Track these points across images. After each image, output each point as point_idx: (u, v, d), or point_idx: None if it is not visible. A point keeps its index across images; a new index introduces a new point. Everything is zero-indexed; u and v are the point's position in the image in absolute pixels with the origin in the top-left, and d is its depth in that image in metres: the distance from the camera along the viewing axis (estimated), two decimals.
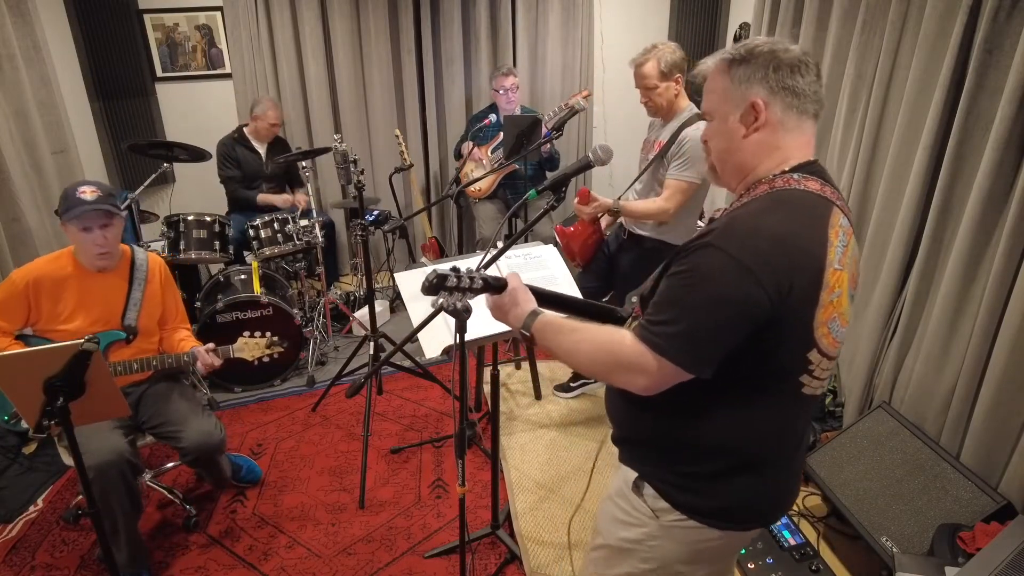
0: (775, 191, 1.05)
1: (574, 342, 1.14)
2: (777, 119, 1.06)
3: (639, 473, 1.19)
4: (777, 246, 0.97)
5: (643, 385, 1.04)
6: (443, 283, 1.22)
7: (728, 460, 1.11)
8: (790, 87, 1.04)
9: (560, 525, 2.38)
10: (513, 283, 1.28)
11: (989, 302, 1.91)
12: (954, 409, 2.07)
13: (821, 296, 1.00)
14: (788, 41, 1.08)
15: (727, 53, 1.10)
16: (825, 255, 1.00)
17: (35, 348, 1.74)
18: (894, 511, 2.00)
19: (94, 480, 1.89)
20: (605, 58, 4.67)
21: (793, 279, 0.97)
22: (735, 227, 1.00)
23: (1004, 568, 1.59)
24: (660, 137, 2.59)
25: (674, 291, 1.03)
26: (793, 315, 0.99)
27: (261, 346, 2.24)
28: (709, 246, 0.99)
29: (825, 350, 1.04)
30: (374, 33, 4.35)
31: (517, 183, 3.95)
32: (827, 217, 1.02)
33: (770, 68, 1.04)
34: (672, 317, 1.01)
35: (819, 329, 1.02)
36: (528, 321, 1.23)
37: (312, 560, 2.25)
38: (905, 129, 2.29)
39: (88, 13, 3.83)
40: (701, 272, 0.99)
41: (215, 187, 3.98)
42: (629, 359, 1.04)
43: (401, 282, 1.99)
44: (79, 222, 2.02)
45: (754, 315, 0.97)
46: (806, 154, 1.09)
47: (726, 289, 0.97)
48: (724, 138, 1.12)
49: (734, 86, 1.07)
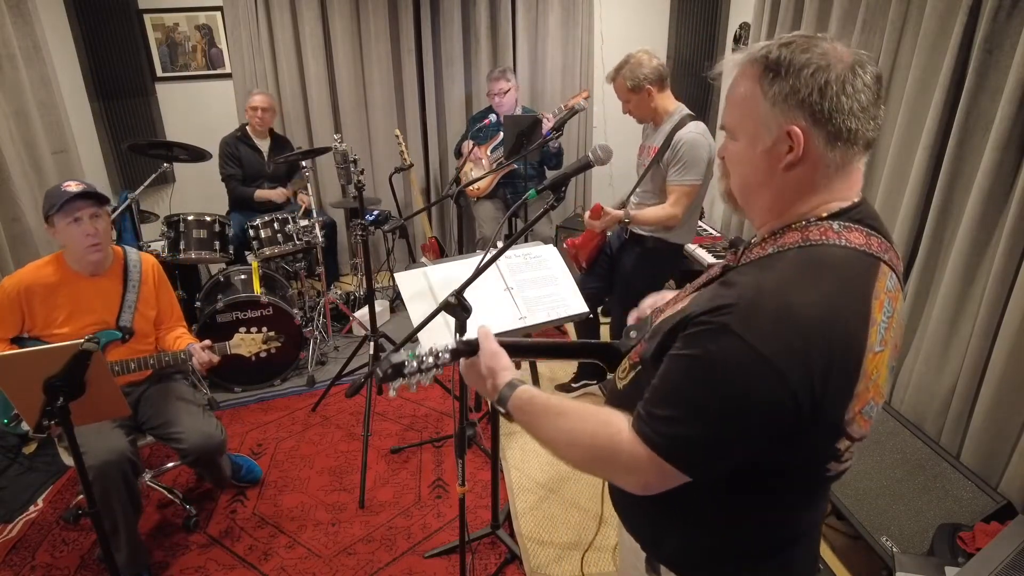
0: (809, 247, 0.84)
1: (559, 431, 0.97)
2: (819, 154, 0.83)
3: (648, 550, 1.07)
4: (812, 338, 0.77)
5: (639, 486, 0.90)
6: (400, 372, 1.08)
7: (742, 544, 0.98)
8: (842, 112, 0.81)
9: (560, 525, 2.38)
10: (485, 345, 1.10)
11: (989, 302, 1.91)
12: (954, 409, 2.07)
13: (857, 388, 0.82)
14: (837, 40, 0.84)
15: (759, 55, 0.85)
16: (866, 340, 0.80)
17: (35, 348, 1.74)
18: (894, 511, 2.00)
19: (95, 479, 1.89)
20: (605, 58, 4.67)
21: (828, 377, 0.78)
22: (761, 307, 0.79)
23: (1004, 568, 1.59)
24: (653, 143, 2.61)
25: (683, 382, 0.84)
26: (823, 416, 0.81)
27: (258, 341, 2.24)
28: (728, 331, 0.79)
29: (856, 435, 0.87)
30: (374, 33, 4.35)
31: (517, 183, 3.95)
32: (871, 286, 0.83)
33: (816, 87, 0.80)
34: (678, 415, 0.84)
35: (853, 420, 0.84)
36: (504, 395, 1.05)
37: (312, 560, 2.25)
38: (905, 129, 2.29)
39: (88, 13, 3.83)
40: (716, 366, 0.80)
41: (215, 187, 3.98)
42: (626, 458, 0.88)
43: (401, 282, 1.99)
44: (67, 215, 1.99)
45: (778, 422, 0.80)
46: (851, 195, 0.88)
47: (747, 392, 0.79)
48: (750, 167, 0.90)
49: (767, 104, 0.84)
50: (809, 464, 0.90)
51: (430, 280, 1.90)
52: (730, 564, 1.00)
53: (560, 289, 1.99)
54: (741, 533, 0.97)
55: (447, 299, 1.38)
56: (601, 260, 2.92)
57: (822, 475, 0.92)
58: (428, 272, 1.92)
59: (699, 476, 0.86)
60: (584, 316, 1.98)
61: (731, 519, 0.96)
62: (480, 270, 1.42)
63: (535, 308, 1.92)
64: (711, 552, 1.00)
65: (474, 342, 1.12)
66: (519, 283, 1.94)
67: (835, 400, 0.81)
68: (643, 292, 1.30)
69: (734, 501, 0.93)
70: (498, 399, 1.06)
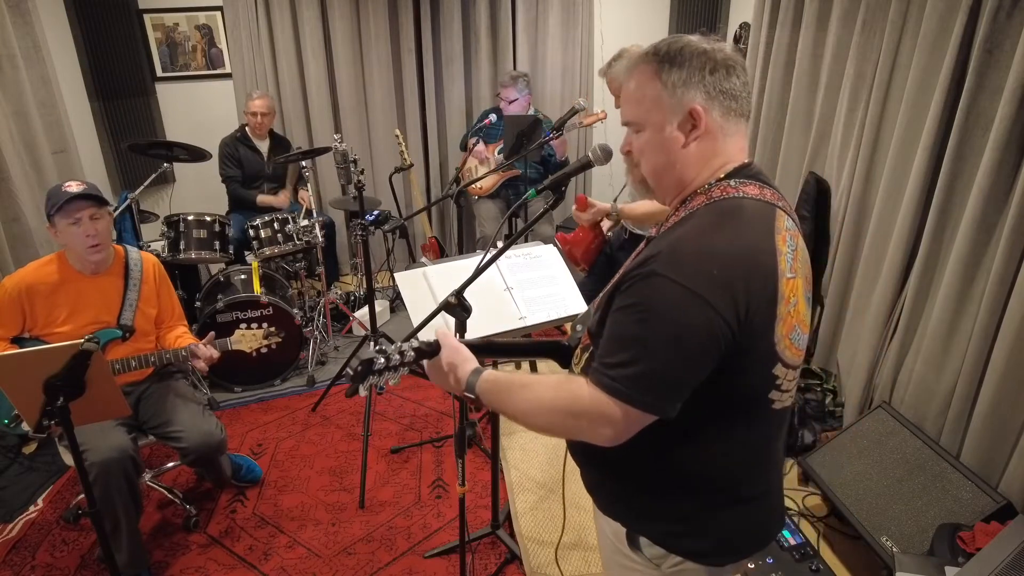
0: (714, 202, 0.97)
1: (526, 400, 1.04)
2: (717, 125, 0.98)
3: (627, 527, 1.12)
4: (730, 268, 0.90)
5: (609, 436, 0.96)
6: (370, 369, 1.12)
7: (711, 493, 1.05)
8: (727, 90, 0.97)
9: (560, 525, 2.38)
10: (444, 341, 1.17)
11: (989, 302, 1.91)
12: (954, 409, 2.07)
13: (779, 310, 0.94)
14: (712, 38, 1.00)
15: (651, 55, 1.00)
16: (777, 267, 0.93)
17: (35, 348, 1.74)
18: (894, 511, 2.00)
19: (97, 478, 1.90)
20: (605, 58, 4.62)
21: (750, 300, 0.90)
22: (681, 251, 0.92)
23: (1004, 568, 1.59)
24: None
25: (627, 327, 0.94)
26: (754, 337, 0.93)
27: (258, 337, 2.24)
28: (656, 275, 0.90)
29: (789, 361, 0.98)
30: (374, 33, 4.35)
31: (519, 184, 3.95)
32: (772, 224, 0.96)
33: (706, 70, 0.96)
34: (629, 358, 0.92)
35: (781, 343, 0.96)
36: (471, 381, 1.11)
37: (312, 560, 2.25)
38: (905, 129, 2.30)
39: (88, 13, 3.83)
40: (654, 306, 0.91)
41: (215, 187, 3.98)
42: (590, 410, 0.95)
43: (401, 282, 1.99)
44: (67, 215, 1.99)
45: (716, 346, 0.90)
46: (741, 157, 1.02)
47: (684, 322, 0.89)
48: (661, 151, 1.02)
49: (667, 92, 0.97)
50: (755, 391, 0.99)
51: (430, 280, 1.90)
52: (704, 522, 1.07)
53: (560, 289, 1.99)
54: (709, 487, 1.05)
55: (447, 299, 1.38)
56: (601, 261, 2.91)
57: (769, 407, 1.01)
58: (428, 272, 1.92)
59: (660, 411, 0.94)
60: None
61: (698, 472, 1.04)
62: (480, 270, 1.41)
63: (535, 308, 1.92)
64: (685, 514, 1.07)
65: (435, 343, 1.17)
66: (519, 283, 1.94)
67: (762, 318, 0.93)
68: None
69: (697, 453, 1.02)
70: (466, 386, 1.11)
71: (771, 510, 1.13)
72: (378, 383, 1.14)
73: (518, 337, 1.88)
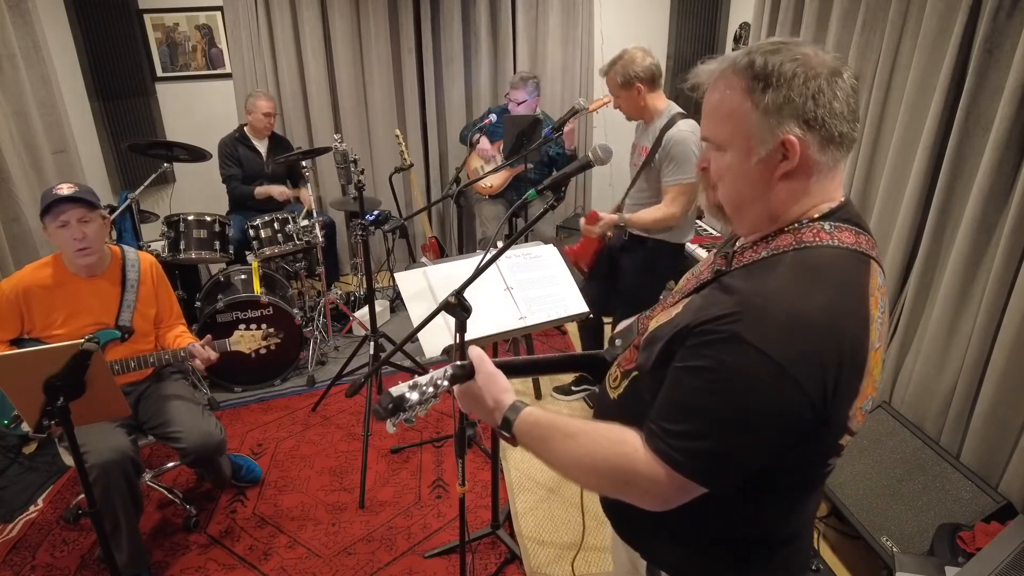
0: (805, 251, 0.84)
1: (571, 455, 0.93)
2: (813, 160, 0.84)
3: (648, 559, 1.05)
4: (822, 343, 0.78)
5: (658, 504, 0.88)
6: (402, 406, 1.03)
7: (745, 546, 0.98)
8: (833, 118, 0.81)
9: (560, 525, 2.38)
10: (481, 367, 1.06)
11: (989, 302, 1.91)
12: (954, 409, 2.07)
13: (863, 386, 0.83)
14: (811, 43, 0.85)
15: (743, 66, 0.84)
16: (868, 338, 0.81)
17: (35, 348, 1.74)
18: (894, 511, 2.00)
19: (97, 478, 1.90)
20: (605, 58, 4.63)
21: (839, 379, 0.79)
22: (768, 314, 0.79)
23: (1004, 568, 1.58)
24: (644, 142, 2.62)
25: (697, 395, 0.82)
26: (833, 415, 0.83)
27: (257, 338, 2.24)
28: (740, 340, 0.78)
29: (855, 429, 0.88)
30: (374, 33, 4.35)
31: (522, 185, 3.95)
32: (867, 285, 0.84)
33: (808, 95, 0.80)
34: (696, 430, 0.82)
35: (855, 416, 0.86)
36: (508, 418, 1.00)
37: (312, 560, 2.24)
38: (905, 129, 2.29)
39: (88, 13, 3.83)
40: (732, 376, 0.79)
41: (215, 187, 3.98)
42: (644, 478, 0.86)
43: (401, 282, 1.99)
44: (55, 218, 1.99)
45: (794, 428, 0.81)
46: (838, 196, 0.89)
47: (763, 401, 0.79)
48: (744, 180, 0.88)
49: (759, 116, 0.83)
50: (816, 464, 0.91)
51: (430, 280, 1.90)
52: (732, 566, 1.00)
53: (560, 289, 1.99)
54: (744, 536, 0.97)
55: (447, 299, 1.38)
56: (602, 263, 2.92)
57: (823, 471, 0.93)
58: (428, 272, 1.92)
59: (718, 488, 0.86)
60: (584, 316, 1.98)
61: (736, 524, 0.96)
62: (480, 270, 1.41)
63: (535, 308, 1.92)
64: (714, 557, 1.00)
65: (469, 365, 1.08)
66: (519, 283, 1.94)
67: (843, 400, 0.82)
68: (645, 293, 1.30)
69: (742, 507, 0.93)
70: (502, 424, 1.01)
71: (799, 556, 1.05)
72: (409, 417, 1.06)
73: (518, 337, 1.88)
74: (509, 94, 3.84)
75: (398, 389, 1.05)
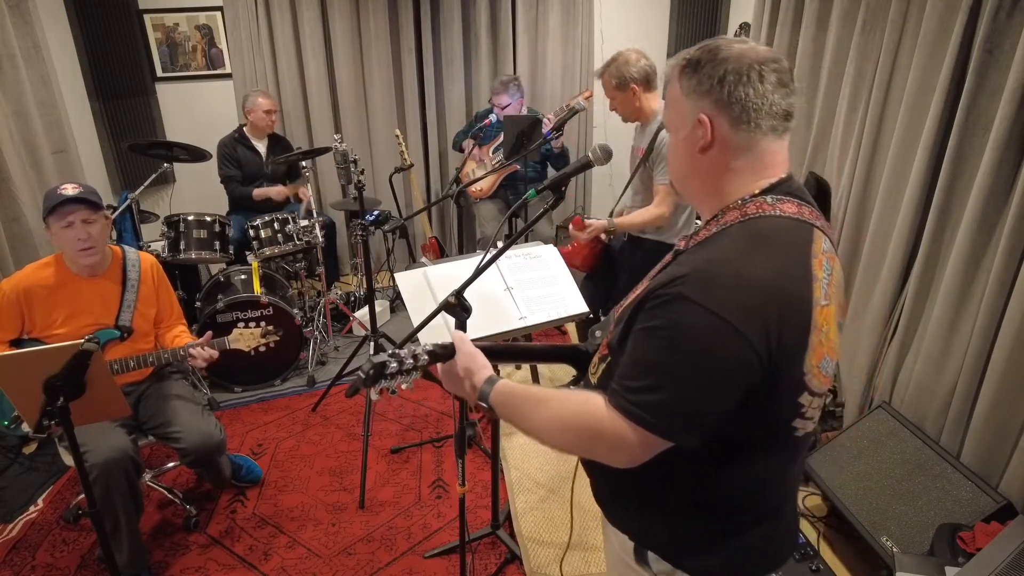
0: (748, 220, 0.93)
1: (541, 417, 1.01)
2: (725, 136, 0.93)
3: (636, 541, 1.09)
4: (764, 298, 0.85)
5: (625, 460, 0.94)
6: (382, 372, 1.08)
7: (723, 515, 1.02)
8: (740, 100, 0.90)
9: (560, 525, 2.38)
10: (461, 347, 1.14)
11: (989, 302, 1.91)
12: (954, 409, 2.07)
13: (811, 339, 0.89)
14: (753, 42, 0.95)
15: (681, 56, 0.98)
16: (812, 295, 0.89)
17: (36, 348, 1.74)
18: (894, 511, 2.00)
19: (98, 478, 1.90)
20: (605, 58, 4.64)
21: (782, 330, 0.86)
22: (713, 275, 0.87)
23: (1004, 568, 1.59)
24: (640, 144, 2.62)
25: (650, 352, 0.89)
26: (783, 369, 0.88)
27: (256, 336, 2.24)
28: (684, 299, 0.85)
29: (816, 390, 0.94)
30: (374, 33, 4.35)
31: (518, 183, 3.95)
32: (809, 247, 0.91)
33: (716, 78, 0.91)
34: (652, 384, 0.88)
35: (810, 373, 0.91)
36: (484, 390, 1.08)
37: (312, 560, 2.25)
38: (905, 129, 2.29)
39: (88, 13, 3.83)
40: (681, 331, 0.86)
41: (215, 187, 3.98)
42: (608, 434, 0.92)
43: (401, 282, 1.99)
44: (60, 218, 1.99)
45: (744, 378, 0.87)
46: (778, 172, 0.96)
47: (711, 351, 0.85)
48: (675, 155, 1.02)
49: (684, 97, 0.96)
50: (778, 422, 0.95)
51: (430, 280, 1.90)
52: (714, 540, 1.03)
53: (560, 289, 1.99)
54: (724, 508, 1.02)
55: (447, 299, 1.38)
56: (602, 263, 2.92)
57: (791, 434, 0.97)
58: (428, 272, 1.92)
59: (680, 441, 0.91)
60: (584, 316, 1.97)
61: (713, 492, 1.00)
62: (480, 270, 1.42)
63: (535, 308, 1.92)
64: (695, 529, 1.04)
65: (450, 346, 1.14)
66: (519, 283, 1.94)
67: (792, 349, 0.89)
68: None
69: (715, 475, 0.98)
70: (479, 395, 1.09)
71: (783, 532, 1.10)
72: (391, 387, 1.11)
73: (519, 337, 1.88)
74: (492, 99, 3.83)
75: (379, 357, 1.09)
